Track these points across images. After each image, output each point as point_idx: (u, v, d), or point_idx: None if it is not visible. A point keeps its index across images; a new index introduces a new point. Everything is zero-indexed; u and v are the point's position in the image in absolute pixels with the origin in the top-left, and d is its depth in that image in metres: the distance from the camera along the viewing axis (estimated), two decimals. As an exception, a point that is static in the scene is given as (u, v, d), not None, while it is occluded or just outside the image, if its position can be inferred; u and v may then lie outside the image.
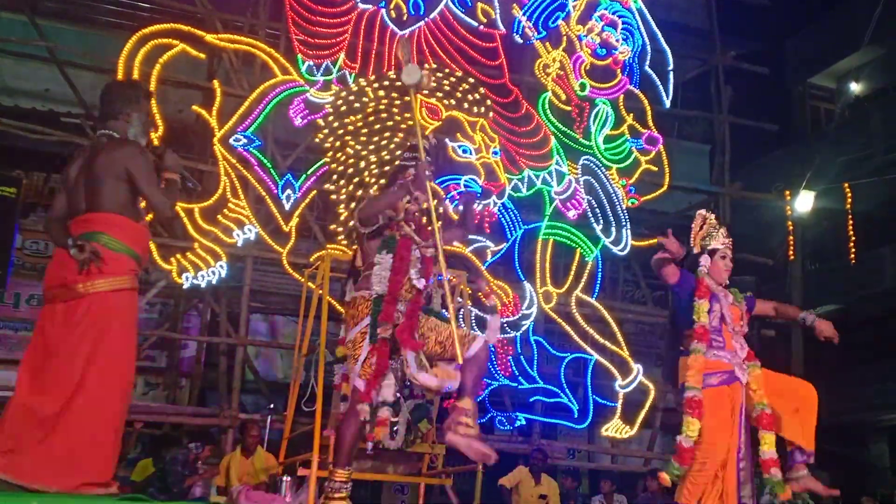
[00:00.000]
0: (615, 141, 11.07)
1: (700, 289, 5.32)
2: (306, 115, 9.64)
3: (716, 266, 5.43)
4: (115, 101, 4.48)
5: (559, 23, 11.08)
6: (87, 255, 4.00)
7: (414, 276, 4.83)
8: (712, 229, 5.51)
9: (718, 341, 5.26)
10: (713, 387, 5.18)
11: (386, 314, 4.74)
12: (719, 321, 5.28)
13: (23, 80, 11.11)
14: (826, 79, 17.49)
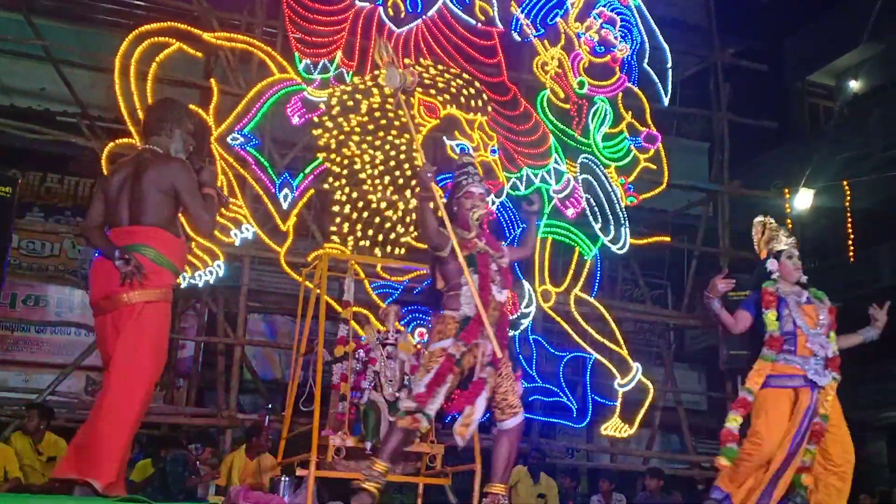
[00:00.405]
0: (614, 139, 11.04)
1: (764, 299, 5.36)
2: (304, 113, 9.60)
3: (784, 266, 5.47)
4: (160, 116, 4.65)
5: (557, 20, 11.04)
6: (132, 269, 4.14)
7: (495, 290, 4.90)
8: (774, 232, 5.52)
9: (790, 347, 5.24)
10: (776, 388, 5.20)
11: (469, 332, 4.84)
12: (792, 325, 5.26)
13: (18, 78, 11.07)
14: (825, 76, 17.47)
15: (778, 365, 5.22)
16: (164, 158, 4.49)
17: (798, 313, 5.28)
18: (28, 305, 11.11)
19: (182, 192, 4.39)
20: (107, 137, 9.76)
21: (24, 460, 7.59)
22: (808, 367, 5.18)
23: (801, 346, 5.22)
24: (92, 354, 9.90)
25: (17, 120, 9.98)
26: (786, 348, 5.23)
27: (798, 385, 5.18)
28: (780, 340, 5.25)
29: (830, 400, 5.21)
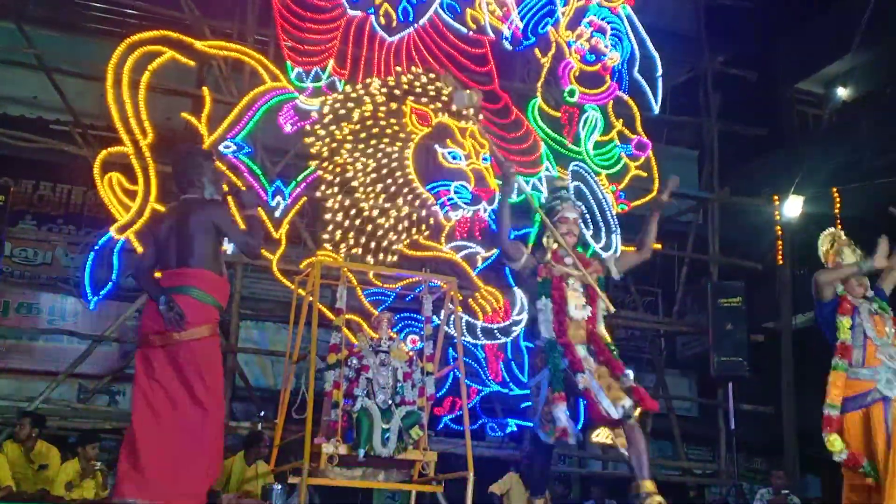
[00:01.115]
0: (605, 147, 11.10)
1: (843, 305, 5.40)
2: (296, 121, 9.63)
3: (849, 282, 5.48)
4: (185, 172, 5.02)
5: (548, 29, 11.11)
6: (174, 315, 4.57)
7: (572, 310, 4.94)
8: (842, 246, 5.55)
9: (858, 359, 5.27)
10: (850, 412, 5.24)
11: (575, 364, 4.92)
12: (863, 336, 5.28)
13: (11, 87, 11.07)
14: (814, 84, 17.53)
15: (849, 381, 5.26)
16: (201, 203, 4.91)
17: (869, 322, 5.30)
18: (20, 313, 11.08)
19: (223, 228, 4.85)
20: (99, 146, 9.76)
21: (16, 468, 7.58)
22: (879, 377, 5.20)
23: (871, 356, 5.25)
24: (84, 362, 9.92)
25: (10, 128, 9.97)
26: (854, 361, 5.27)
27: (870, 403, 5.19)
28: (851, 349, 5.28)
29: None
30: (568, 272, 5.01)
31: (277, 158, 10.34)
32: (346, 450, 6.33)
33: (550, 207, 5.31)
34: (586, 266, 5.12)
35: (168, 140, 10.40)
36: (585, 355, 4.95)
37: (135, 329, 11.24)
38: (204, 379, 4.65)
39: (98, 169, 9.29)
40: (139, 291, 10.36)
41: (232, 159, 9.39)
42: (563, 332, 4.94)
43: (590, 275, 5.10)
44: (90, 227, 11.30)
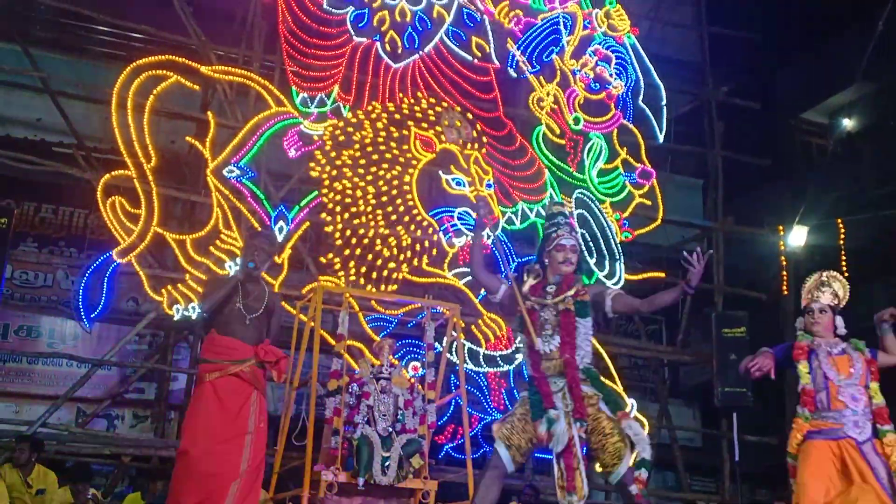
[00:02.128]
0: (609, 175, 11.10)
1: (795, 351, 5.28)
2: (300, 146, 9.64)
3: (806, 321, 5.38)
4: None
5: (553, 57, 11.14)
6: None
7: (538, 344, 4.80)
8: (814, 288, 5.45)
9: (824, 403, 5.12)
10: (820, 440, 5.09)
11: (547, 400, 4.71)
12: (824, 380, 5.15)
13: (15, 109, 11.08)
14: (818, 114, 17.54)
15: (816, 422, 5.13)
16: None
17: (827, 363, 5.17)
18: (20, 336, 11.02)
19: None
20: (102, 169, 9.76)
21: (14, 492, 7.51)
22: (845, 419, 5.06)
23: (834, 398, 5.10)
24: (83, 386, 9.85)
25: (13, 150, 9.96)
26: (820, 405, 5.13)
27: (838, 437, 5.04)
28: (812, 395, 5.16)
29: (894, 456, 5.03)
30: (540, 302, 4.87)
31: (281, 183, 10.32)
32: (345, 478, 6.26)
33: (547, 235, 5.11)
34: (567, 289, 4.89)
35: (172, 163, 10.42)
36: (561, 387, 4.73)
37: (136, 353, 11.22)
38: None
39: (101, 192, 9.27)
40: (139, 316, 10.33)
41: (236, 183, 9.38)
42: (535, 367, 4.80)
43: (563, 301, 4.84)
44: (92, 250, 11.26)
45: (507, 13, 11.04)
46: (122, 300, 11.08)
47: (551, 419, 4.63)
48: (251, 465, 5.12)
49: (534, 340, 4.79)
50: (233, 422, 5.15)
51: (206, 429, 5.22)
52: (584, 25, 11.37)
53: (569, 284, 4.88)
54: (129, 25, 11.15)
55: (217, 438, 5.16)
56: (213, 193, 9.41)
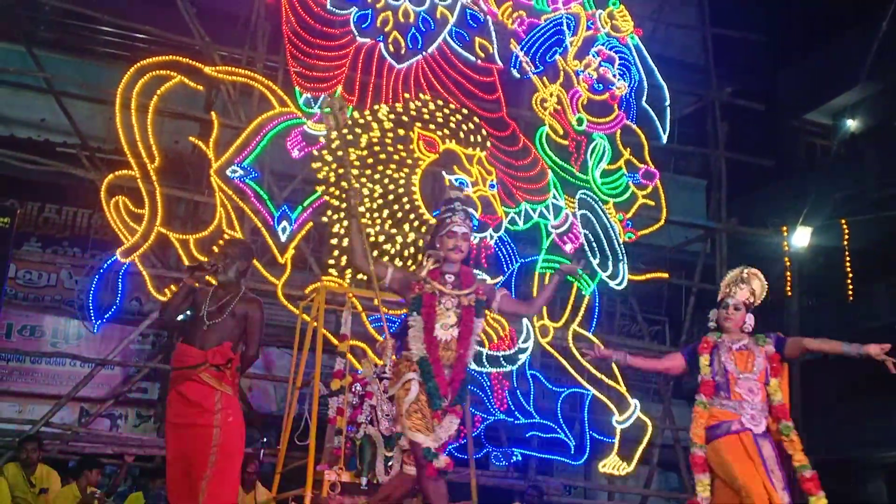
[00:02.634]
0: (612, 175, 11.09)
1: (700, 345, 5.41)
2: (303, 147, 9.63)
3: (719, 316, 5.46)
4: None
5: (556, 58, 11.13)
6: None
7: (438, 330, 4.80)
8: (731, 284, 5.50)
9: (723, 392, 5.23)
10: (721, 437, 5.15)
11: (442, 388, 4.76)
12: (724, 373, 5.25)
13: (19, 109, 11.11)
14: (822, 115, 17.54)
15: (714, 409, 5.22)
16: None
17: (727, 357, 5.28)
18: (24, 336, 11.04)
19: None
20: (106, 169, 9.77)
21: (16, 492, 7.52)
22: (743, 412, 5.15)
23: (732, 389, 5.22)
24: (86, 386, 9.87)
25: (17, 150, 9.99)
26: (721, 393, 5.23)
27: (737, 430, 5.13)
28: (711, 385, 5.27)
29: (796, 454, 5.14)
30: (442, 290, 4.88)
31: (284, 183, 10.34)
32: (348, 477, 6.26)
33: (441, 219, 5.03)
34: (467, 286, 4.89)
35: (175, 163, 10.43)
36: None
37: (139, 352, 11.23)
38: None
39: (104, 192, 9.28)
40: (143, 315, 10.34)
41: (239, 184, 9.38)
42: (432, 350, 4.79)
43: (466, 296, 4.85)
44: (95, 250, 11.29)
45: (511, 14, 11.03)
46: (126, 300, 11.09)
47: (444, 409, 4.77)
48: (219, 460, 5.13)
49: (434, 325, 4.79)
50: (198, 420, 5.22)
51: (175, 431, 5.32)
52: (587, 26, 11.36)
53: (469, 281, 4.90)
54: (133, 26, 11.17)
55: (184, 438, 5.25)
56: (216, 193, 9.42)
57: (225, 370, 5.30)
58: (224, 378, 5.30)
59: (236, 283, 5.59)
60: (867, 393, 14.98)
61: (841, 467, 15.32)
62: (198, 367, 5.28)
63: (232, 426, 5.25)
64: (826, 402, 15.81)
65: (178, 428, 5.31)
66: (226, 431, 5.21)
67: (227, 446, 5.20)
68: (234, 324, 5.43)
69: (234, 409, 5.33)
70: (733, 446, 5.11)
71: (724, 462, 5.09)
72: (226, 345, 5.36)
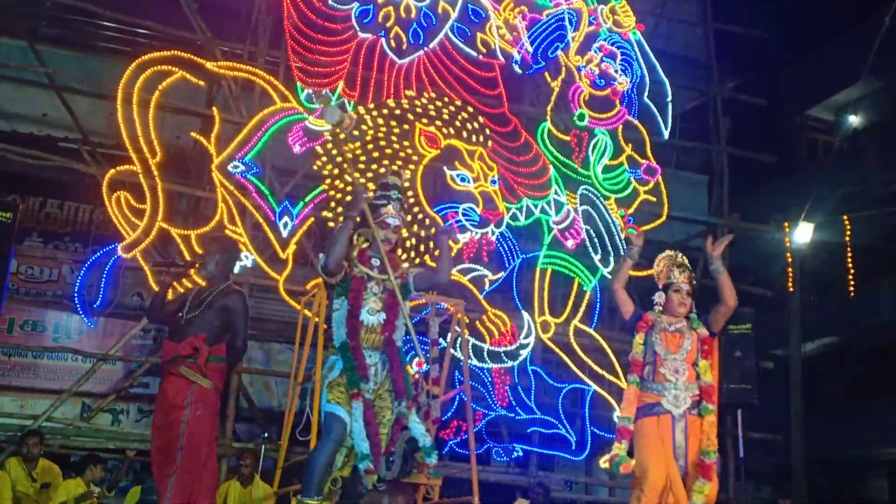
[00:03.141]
0: (614, 171, 11.07)
1: (638, 322, 5.43)
2: (305, 142, 9.64)
3: (670, 300, 5.44)
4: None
5: (558, 53, 11.11)
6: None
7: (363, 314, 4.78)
8: (674, 267, 5.52)
9: (650, 374, 5.29)
10: (640, 419, 5.24)
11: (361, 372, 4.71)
12: (653, 353, 5.30)
13: (21, 105, 11.11)
14: (824, 111, 17.55)
15: (642, 393, 5.28)
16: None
17: (658, 339, 5.32)
18: (26, 331, 11.05)
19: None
20: (107, 164, 9.78)
21: (18, 486, 7.53)
22: (666, 393, 5.21)
23: (657, 372, 5.27)
24: (88, 380, 9.88)
25: (19, 146, 9.99)
26: (646, 376, 5.30)
27: (659, 413, 5.20)
28: (640, 365, 5.32)
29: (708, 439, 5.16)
30: (369, 274, 4.86)
31: (286, 178, 10.34)
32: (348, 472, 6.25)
33: (374, 205, 5.00)
34: (395, 268, 4.88)
35: (176, 159, 10.43)
36: (376, 362, 4.79)
37: (141, 348, 11.24)
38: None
39: (106, 187, 9.29)
40: (144, 311, 10.34)
41: (241, 179, 9.39)
42: (353, 335, 4.76)
43: (394, 279, 4.83)
44: (97, 245, 11.28)
45: (513, 9, 11.02)
46: (127, 295, 11.10)
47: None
48: (184, 456, 5.09)
49: (359, 309, 4.78)
50: (170, 416, 5.21)
51: (157, 431, 5.35)
52: (589, 21, 11.33)
53: (394, 264, 4.90)
54: (135, 21, 11.17)
55: (160, 436, 5.27)
56: (217, 189, 9.42)
57: (195, 362, 5.22)
58: (199, 370, 5.23)
59: (221, 277, 5.55)
60: (870, 391, 15.01)
61: (844, 464, 15.35)
62: (174, 361, 5.25)
63: (199, 420, 5.17)
64: (830, 400, 15.84)
65: (160, 430, 5.30)
66: (191, 426, 5.13)
67: (193, 440, 5.12)
68: (213, 316, 5.37)
69: (206, 402, 5.24)
70: (651, 429, 5.19)
71: (640, 444, 5.20)
72: (198, 336, 5.29)
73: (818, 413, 14.29)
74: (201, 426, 5.20)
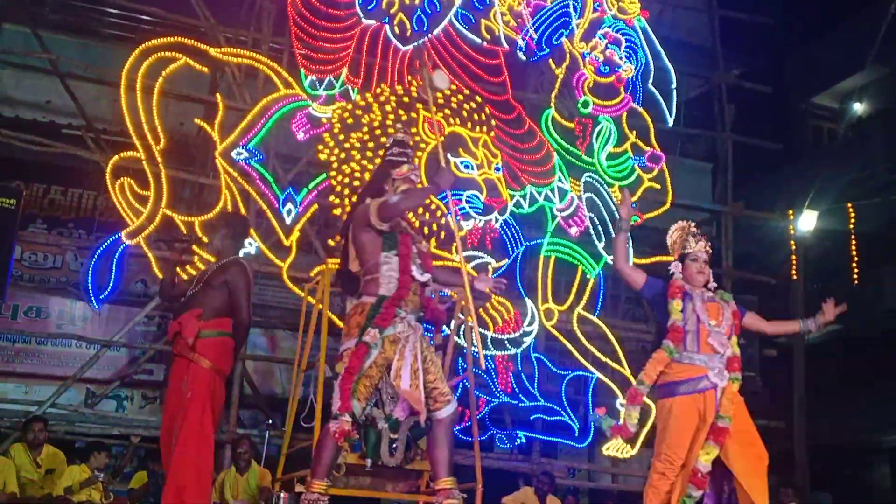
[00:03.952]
0: (618, 158, 11.05)
1: (671, 289, 5.26)
2: (308, 129, 9.63)
3: (688, 269, 5.34)
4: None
5: (562, 40, 11.07)
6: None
7: (415, 272, 4.75)
8: (686, 236, 5.43)
9: (693, 344, 5.13)
10: (681, 395, 5.09)
11: (383, 317, 4.62)
12: (696, 321, 5.15)
13: (24, 91, 11.09)
14: (829, 98, 17.49)
15: (681, 365, 5.11)
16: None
17: (700, 307, 5.17)
18: (30, 317, 11.07)
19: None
20: (111, 150, 9.77)
21: (23, 473, 7.56)
22: (712, 365, 5.07)
23: (704, 343, 5.11)
24: (92, 367, 9.91)
25: (23, 132, 9.98)
26: (689, 346, 5.13)
27: (703, 388, 5.06)
28: (682, 332, 5.14)
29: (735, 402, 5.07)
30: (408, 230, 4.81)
31: (289, 166, 10.33)
32: (353, 459, 6.27)
33: (392, 161, 4.94)
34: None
35: (180, 145, 10.42)
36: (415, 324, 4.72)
37: (145, 334, 11.26)
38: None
39: (110, 174, 9.30)
40: (148, 297, 10.36)
41: (244, 166, 9.38)
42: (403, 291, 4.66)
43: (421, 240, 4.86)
44: (101, 231, 11.30)
45: (517, -5, 10.97)
46: (131, 282, 11.12)
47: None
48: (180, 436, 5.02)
49: (409, 266, 4.71)
50: (172, 398, 5.21)
51: (165, 412, 5.37)
52: (593, 8, 11.29)
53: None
54: (138, 7, 11.14)
55: (165, 420, 5.28)
56: (221, 176, 9.42)
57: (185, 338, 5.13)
58: (186, 346, 5.14)
59: (229, 251, 5.48)
60: (873, 378, 15.00)
61: (846, 452, 15.37)
62: (174, 341, 5.21)
63: (190, 400, 5.09)
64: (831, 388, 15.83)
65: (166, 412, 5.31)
66: (185, 407, 5.08)
67: (187, 419, 5.06)
68: (214, 293, 5.27)
69: (199, 382, 5.13)
70: (689, 408, 5.05)
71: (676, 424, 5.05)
72: (193, 312, 5.20)
73: (821, 400, 14.28)
74: (191, 406, 5.09)
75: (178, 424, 5.07)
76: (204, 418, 5.14)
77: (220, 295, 5.29)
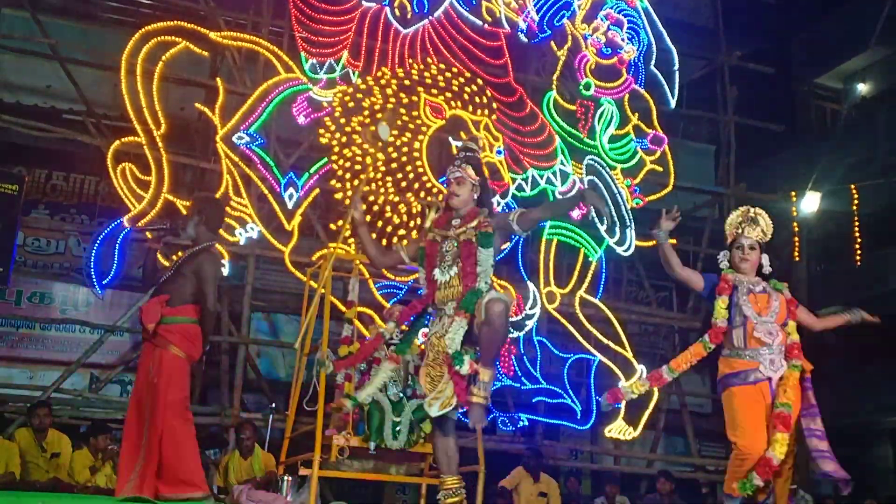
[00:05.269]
0: (620, 141, 11.03)
1: (720, 285, 5.25)
2: (309, 113, 9.61)
3: (734, 258, 5.32)
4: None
5: (564, 22, 11.03)
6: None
7: (436, 273, 4.82)
8: (742, 223, 5.37)
9: (739, 339, 5.13)
10: (739, 385, 5.10)
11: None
12: (742, 317, 5.13)
13: (25, 76, 11.07)
14: (832, 79, 17.41)
15: (732, 360, 5.14)
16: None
17: (746, 301, 5.15)
18: (33, 303, 11.09)
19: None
20: (112, 135, 9.76)
21: (28, 457, 7.60)
22: (762, 359, 5.06)
23: (751, 337, 5.10)
24: (96, 352, 9.93)
25: (23, 117, 9.97)
26: (736, 342, 5.14)
27: (755, 380, 5.06)
28: (722, 332, 5.17)
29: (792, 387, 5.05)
30: (444, 234, 4.84)
31: (291, 150, 10.32)
32: (357, 442, 6.31)
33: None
34: (469, 221, 4.81)
35: (181, 130, 10.40)
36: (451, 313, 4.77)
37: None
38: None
39: (111, 159, 9.29)
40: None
41: (245, 150, 9.37)
42: (429, 295, 4.84)
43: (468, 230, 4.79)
44: (103, 216, 11.30)
45: (519, -23, 10.92)
46: (134, 267, 11.12)
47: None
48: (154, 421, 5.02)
49: (433, 270, 4.81)
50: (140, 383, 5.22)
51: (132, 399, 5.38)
52: (596, -11, 11.24)
53: (472, 217, 4.85)
54: (138, -9, 11.11)
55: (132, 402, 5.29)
56: (222, 160, 9.41)
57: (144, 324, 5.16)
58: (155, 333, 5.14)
59: (205, 237, 5.48)
60: (875, 359, 15.00)
61: (848, 433, 15.38)
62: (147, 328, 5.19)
63: (157, 386, 5.08)
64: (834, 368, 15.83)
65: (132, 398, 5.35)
66: (153, 393, 5.08)
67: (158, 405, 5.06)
68: (183, 280, 5.28)
69: (165, 367, 5.12)
70: (750, 397, 5.06)
71: (740, 413, 5.06)
72: (160, 298, 5.21)
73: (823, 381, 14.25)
74: (154, 395, 5.09)
75: (150, 411, 5.08)
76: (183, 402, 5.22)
77: (189, 282, 5.28)
